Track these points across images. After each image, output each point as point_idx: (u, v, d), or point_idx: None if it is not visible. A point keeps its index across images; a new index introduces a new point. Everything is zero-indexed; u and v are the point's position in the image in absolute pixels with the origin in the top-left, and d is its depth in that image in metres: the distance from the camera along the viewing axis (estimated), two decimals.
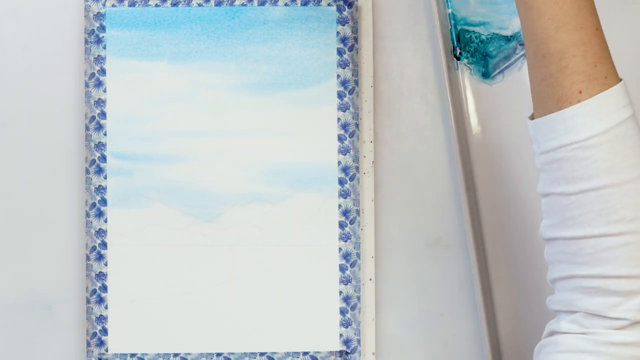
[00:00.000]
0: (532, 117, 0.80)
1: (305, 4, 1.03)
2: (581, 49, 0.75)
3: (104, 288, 1.03)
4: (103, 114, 1.03)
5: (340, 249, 1.03)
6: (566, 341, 0.76)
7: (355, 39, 1.03)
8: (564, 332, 0.77)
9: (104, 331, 1.03)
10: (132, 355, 1.03)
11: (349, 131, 1.03)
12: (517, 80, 1.04)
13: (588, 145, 0.74)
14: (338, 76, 1.03)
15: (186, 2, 1.03)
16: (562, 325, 0.77)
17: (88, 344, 1.03)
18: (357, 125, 1.03)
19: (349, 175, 1.03)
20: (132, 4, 1.03)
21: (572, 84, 0.75)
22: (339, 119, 1.03)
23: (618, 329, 0.75)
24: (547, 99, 0.76)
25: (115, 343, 1.03)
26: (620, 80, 0.76)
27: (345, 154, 1.03)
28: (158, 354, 1.03)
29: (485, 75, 1.05)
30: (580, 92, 0.75)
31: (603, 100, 0.74)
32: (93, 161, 1.03)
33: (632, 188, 0.74)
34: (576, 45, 0.75)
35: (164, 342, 1.03)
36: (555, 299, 0.79)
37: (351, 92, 1.03)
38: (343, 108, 1.03)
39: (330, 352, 1.03)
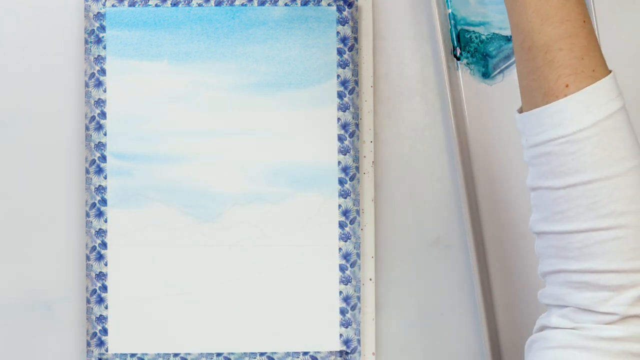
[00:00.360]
0: (520, 111, 0.79)
1: (305, 4, 1.03)
2: (567, 42, 0.74)
3: (104, 288, 1.03)
4: (103, 114, 1.03)
5: (340, 249, 1.03)
6: (556, 337, 0.76)
7: (355, 39, 1.03)
8: (554, 327, 0.76)
9: (104, 331, 1.03)
10: (132, 355, 1.03)
11: (349, 131, 1.03)
12: (517, 80, 1.04)
13: (576, 139, 0.73)
14: (338, 76, 1.03)
15: (186, 2, 1.03)
16: (552, 320, 0.77)
17: (88, 344, 1.03)
18: (357, 125, 1.03)
19: (349, 175, 1.03)
20: (132, 4, 1.03)
21: (558, 78, 0.74)
22: (339, 119, 1.03)
23: (608, 324, 0.74)
24: (534, 93, 0.76)
25: (115, 343, 1.03)
26: (610, 72, 0.76)
27: (345, 154, 1.03)
28: (158, 354, 1.03)
29: (485, 75, 1.05)
30: (567, 86, 0.74)
31: (590, 94, 0.73)
32: (93, 161, 1.03)
33: (622, 182, 0.73)
34: (562, 38, 0.74)
35: (164, 342, 1.03)
36: (546, 293, 0.78)
37: (351, 92, 1.03)
38: (343, 108, 1.03)
39: (330, 352, 1.03)
